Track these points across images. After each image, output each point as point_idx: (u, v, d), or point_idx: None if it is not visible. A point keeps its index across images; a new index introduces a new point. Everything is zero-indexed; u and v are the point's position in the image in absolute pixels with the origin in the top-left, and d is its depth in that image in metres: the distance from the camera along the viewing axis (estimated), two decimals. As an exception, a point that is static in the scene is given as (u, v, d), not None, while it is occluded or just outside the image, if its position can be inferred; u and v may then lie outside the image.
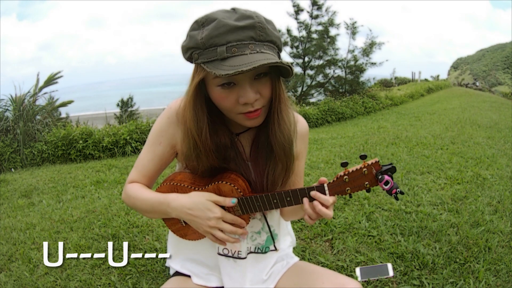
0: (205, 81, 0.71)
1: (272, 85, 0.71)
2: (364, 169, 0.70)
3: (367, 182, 0.71)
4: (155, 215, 0.82)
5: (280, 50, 0.72)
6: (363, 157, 0.69)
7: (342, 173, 0.72)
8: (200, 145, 0.74)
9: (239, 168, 0.80)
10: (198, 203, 0.73)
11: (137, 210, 0.86)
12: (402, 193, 0.70)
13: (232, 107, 0.70)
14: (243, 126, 0.81)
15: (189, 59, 0.70)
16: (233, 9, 0.68)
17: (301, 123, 0.87)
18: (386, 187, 0.69)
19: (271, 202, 0.75)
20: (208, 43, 0.64)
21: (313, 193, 0.72)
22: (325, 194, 0.72)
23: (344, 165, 0.70)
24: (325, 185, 0.72)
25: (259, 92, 0.70)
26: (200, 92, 0.72)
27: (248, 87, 0.68)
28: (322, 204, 0.71)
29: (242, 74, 0.64)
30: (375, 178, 0.70)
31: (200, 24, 0.67)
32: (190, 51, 0.68)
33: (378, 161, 0.70)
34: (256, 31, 0.65)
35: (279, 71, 0.71)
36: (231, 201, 0.74)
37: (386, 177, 0.69)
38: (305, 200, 0.73)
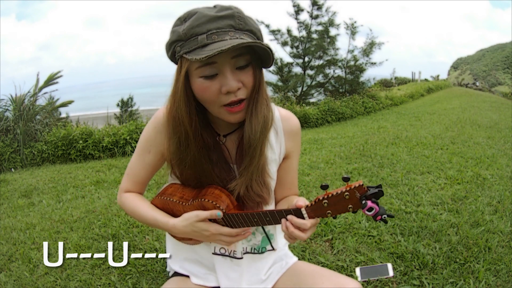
0: (188, 74, 0.72)
1: (254, 75, 0.72)
2: (346, 194, 0.65)
3: (350, 206, 0.66)
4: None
5: (261, 41, 0.72)
6: (346, 180, 0.64)
7: (321, 197, 0.68)
8: (191, 134, 0.74)
9: (222, 171, 0.79)
10: (192, 227, 0.77)
11: (135, 219, 0.90)
12: (391, 216, 0.65)
13: (215, 98, 0.70)
14: (229, 127, 0.81)
15: (172, 55, 0.72)
16: (214, 6, 0.70)
17: (291, 121, 0.86)
18: (369, 213, 0.64)
19: (251, 220, 0.76)
20: (190, 33, 0.66)
21: (290, 217, 0.71)
22: (303, 217, 0.71)
23: (324, 187, 0.67)
24: (303, 209, 0.70)
25: (241, 81, 0.70)
26: (187, 85, 0.72)
27: (230, 74, 0.68)
28: (298, 227, 0.71)
29: (224, 62, 0.67)
30: (359, 202, 0.65)
31: (182, 19, 0.69)
32: (173, 45, 0.70)
33: (363, 184, 0.64)
34: (235, 20, 0.67)
35: (261, 61, 0.72)
36: (217, 214, 0.76)
37: (370, 204, 0.63)
38: (283, 221, 0.73)
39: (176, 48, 0.69)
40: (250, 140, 0.74)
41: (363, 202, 0.64)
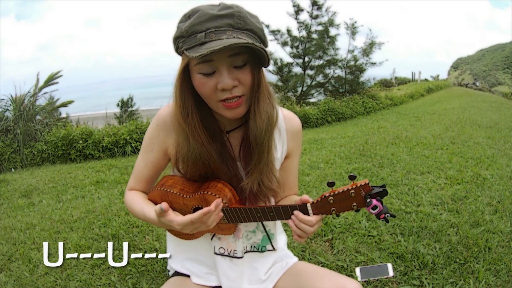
0: (189, 69, 0.74)
1: (252, 73, 0.73)
2: (352, 191, 0.67)
3: (354, 204, 0.68)
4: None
5: (262, 41, 0.73)
6: (352, 178, 0.66)
7: (327, 194, 0.70)
8: (187, 128, 0.75)
9: (228, 168, 0.80)
10: (159, 223, 0.75)
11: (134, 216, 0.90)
12: (393, 216, 0.67)
13: (211, 94, 0.72)
14: (232, 124, 0.82)
15: (176, 50, 0.74)
16: (219, 4, 0.71)
17: (293, 121, 0.87)
18: (373, 212, 0.66)
19: (254, 215, 0.76)
20: (190, 30, 0.68)
21: (296, 213, 0.73)
22: (308, 213, 0.72)
23: (331, 185, 0.68)
24: (308, 205, 0.71)
25: (238, 79, 0.71)
26: (185, 80, 0.74)
27: (226, 73, 0.70)
28: (305, 223, 0.72)
29: (221, 61, 0.69)
30: (364, 200, 0.67)
31: (186, 16, 0.71)
32: (177, 41, 0.72)
33: (368, 183, 0.67)
34: (235, 19, 0.68)
35: (259, 61, 0.73)
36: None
37: (374, 202, 0.65)
38: (290, 219, 0.75)
39: (179, 43, 0.71)
40: (256, 138, 0.76)
41: (368, 200, 0.66)
